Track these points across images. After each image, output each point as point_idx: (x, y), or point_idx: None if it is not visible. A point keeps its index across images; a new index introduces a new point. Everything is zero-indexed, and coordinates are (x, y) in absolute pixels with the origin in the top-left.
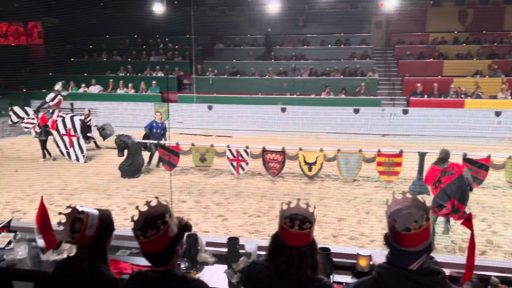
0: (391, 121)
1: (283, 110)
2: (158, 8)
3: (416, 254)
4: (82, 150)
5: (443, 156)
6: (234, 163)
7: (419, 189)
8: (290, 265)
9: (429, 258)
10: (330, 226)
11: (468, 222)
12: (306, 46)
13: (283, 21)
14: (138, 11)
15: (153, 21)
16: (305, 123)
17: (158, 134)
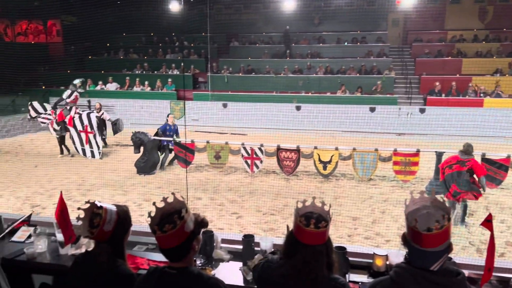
0: (408, 120)
1: (298, 108)
2: (174, 6)
3: (436, 254)
4: (98, 147)
5: (466, 148)
6: (249, 161)
7: (436, 189)
8: (306, 263)
9: (447, 259)
10: (345, 225)
11: (488, 223)
12: (321, 44)
13: (299, 18)
14: (154, 9)
15: (169, 19)
16: (320, 122)
17: (170, 136)
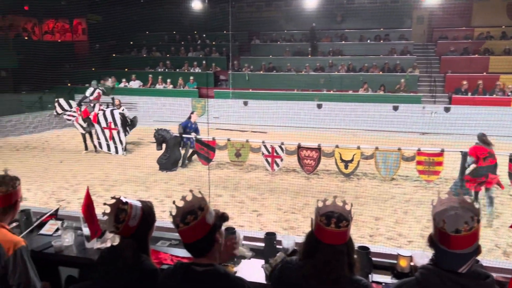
0: (432, 118)
1: (319, 106)
2: (196, 4)
3: (464, 256)
4: (122, 143)
5: (481, 139)
6: (269, 159)
7: (461, 190)
8: (327, 263)
9: (474, 262)
10: (367, 225)
11: None
12: (344, 42)
13: (321, 16)
14: (177, 8)
15: (191, 17)
16: (342, 120)
17: (190, 134)
